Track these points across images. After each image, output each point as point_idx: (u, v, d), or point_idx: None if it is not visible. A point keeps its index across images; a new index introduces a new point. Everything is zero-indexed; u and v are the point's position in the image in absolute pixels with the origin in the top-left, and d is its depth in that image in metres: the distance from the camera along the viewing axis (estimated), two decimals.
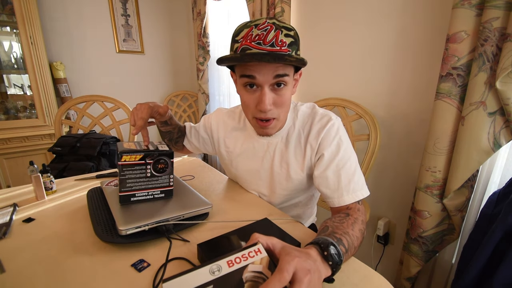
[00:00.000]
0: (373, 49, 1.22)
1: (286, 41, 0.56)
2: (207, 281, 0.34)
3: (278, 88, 0.60)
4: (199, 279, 0.34)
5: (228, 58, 0.57)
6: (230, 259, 0.36)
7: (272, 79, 0.58)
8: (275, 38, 0.55)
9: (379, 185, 1.30)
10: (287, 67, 0.59)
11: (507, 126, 0.79)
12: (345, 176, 0.63)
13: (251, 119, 0.67)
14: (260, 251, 0.38)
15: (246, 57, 0.55)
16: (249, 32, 0.56)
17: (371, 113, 1.10)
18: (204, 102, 2.50)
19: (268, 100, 0.59)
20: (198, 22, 2.29)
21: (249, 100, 0.62)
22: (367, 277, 0.48)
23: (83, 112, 1.56)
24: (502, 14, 0.73)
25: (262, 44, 0.55)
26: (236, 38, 0.59)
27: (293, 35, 0.58)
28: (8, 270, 0.49)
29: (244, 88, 0.62)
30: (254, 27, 0.56)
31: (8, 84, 2.00)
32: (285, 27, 0.57)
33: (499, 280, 0.68)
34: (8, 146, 1.83)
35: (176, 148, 0.96)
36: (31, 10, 1.74)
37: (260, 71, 0.57)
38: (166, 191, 0.68)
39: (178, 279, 0.34)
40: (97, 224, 0.60)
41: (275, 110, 0.63)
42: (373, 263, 1.35)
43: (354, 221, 0.56)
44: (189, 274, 0.34)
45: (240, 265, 0.36)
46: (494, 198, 0.82)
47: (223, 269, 0.35)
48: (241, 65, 0.60)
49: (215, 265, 0.35)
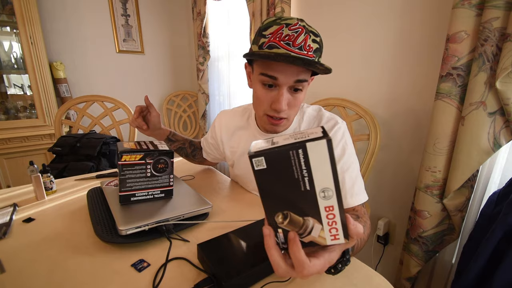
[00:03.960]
0: (373, 49, 1.22)
1: (313, 47, 0.56)
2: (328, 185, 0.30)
3: (295, 91, 0.61)
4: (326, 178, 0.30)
5: (261, 55, 0.56)
6: (333, 205, 0.32)
7: (293, 83, 0.59)
8: (304, 42, 0.55)
9: (379, 185, 1.30)
10: (308, 73, 0.59)
11: (507, 126, 0.79)
12: (349, 179, 0.64)
13: (262, 115, 0.67)
14: (339, 238, 0.34)
15: (279, 57, 0.54)
16: (279, 30, 0.55)
17: (371, 113, 1.10)
18: (204, 102, 2.50)
19: (284, 101, 0.60)
20: (198, 22, 2.29)
21: (265, 98, 0.62)
22: (367, 277, 0.48)
23: (83, 112, 1.56)
24: (502, 14, 0.73)
25: (291, 46, 0.54)
26: (264, 32, 0.57)
27: (319, 42, 0.58)
28: (8, 270, 0.49)
29: (262, 86, 0.62)
30: (285, 26, 0.55)
31: (8, 84, 2.00)
32: (313, 32, 0.57)
33: (499, 280, 0.68)
34: (8, 146, 1.83)
35: (198, 161, 1.02)
36: (31, 10, 1.74)
37: (283, 72, 0.57)
38: (166, 191, 0.68)
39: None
40: (97, 224, 0.60)
41: (287, 111, 0.63)
42: (373, 263, 1.35)
43: (364, 225, 0.57)
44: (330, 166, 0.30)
45: (322, 215, 0.32)
46: (494, 198, 0.82)
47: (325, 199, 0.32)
48: (265, 62, 0.59)
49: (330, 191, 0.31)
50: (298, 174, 0.30)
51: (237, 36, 2.05)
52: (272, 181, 0.31)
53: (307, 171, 0.30)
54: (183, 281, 0.47)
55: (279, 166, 0.30)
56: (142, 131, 0.86)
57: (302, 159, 0.29)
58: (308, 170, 0.30)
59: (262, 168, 0.30)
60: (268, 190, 0.32)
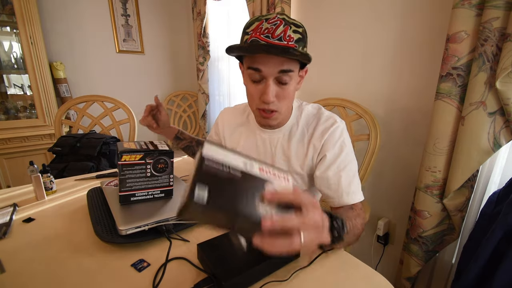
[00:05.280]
0: (373, 49, 1.22)
1: (294, 37, 0.58)
2: (238, 167, 0.34)
3: (282, 82, 0.62)
4: (233, 161, 0.34)
5: (237, 47, 0.60)
6: (262, 167, 0.36)
7: (277, 73, 0.60)
8: (284, 32, 0.57)
9: (379, 185, 1.30)
10: (292, 63, 0.60)
11: (507, 126, 0.79)
12: (345, 178, 0.65)
13: (255, 109, 0.68)
14: (289, 181, 0.37)
15: (254, 47, 0.57)
16: (259, 25, 0.58)
17: (371, 113, 1.10)
18: (204, 102, 2.50)
19: (271, 93, 0.61)
20: (198, 22, 2.29)
21: (254, 91, 0.65)
22: (367, 277, 0.48)
23: (83, 112, 1.56)
24: (502, 14, 0.73)
25: (270, 38, 0.57)
26: (247, 30, 0.61)
27: (301, 32, 0.60)
28: (8, 270, 0.49)
29: (250, 80, 0.64)
30: (264, 20, 0.58)
31: (8, 84, 2.00)
32: (295, 23, 0.59)
33: (499, 280, 0.68)
34: (8, 146, 1.83)
35: None
36: (31, 10, 1.74)
37: (266, 64, 0.59)
38: (166, 191, 0.68)
39: (219, 148, 0.34)
40: (97, 224, 0.60)
41: (277, 103, 0.64)
42: (373, 263, 1.35)
43: (357, 214, 0.60)
44: (229, 152, 0.34)
45: (266, 177, 0.35)
46: (494, 198, 0.82)
47: (253, 168, 0.35)
48: (249, 57, 0.62)
49: (248, 161, 0.35)
50: (225, 171, 0.33)
51: (237, 36, 2.05)
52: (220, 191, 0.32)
53: (225, 165, 0.33)
54: (183, 281, 0.47)
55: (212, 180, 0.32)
56: (152, 129, 0.88)
57: (214, 162, 0.33)
58: (224, 164, 0.33)
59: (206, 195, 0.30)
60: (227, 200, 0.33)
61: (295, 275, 0.48)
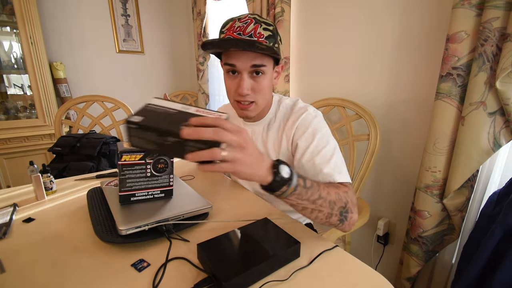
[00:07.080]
0: (373, 49, 1.22)
1: (264, 34, 0.63)
2: (176, 108, 0.44)
3: (256, 76, 0.67)
4: (173, 106, 0.44)
5: (210, 43, 0.64)
6: (199, 109, 0.44)
7: (250, 68, 0.65)
8: (254, 30, 0.63)
9: (379, 185, 1.30)
10: (265, 59, 0.66)
11: (507, 126, 0.79)
12: (319, 162, 0.64)
13: (233, 102, 0.73)
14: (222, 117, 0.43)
15: (224, 42, 0.64)
16: (232, 25, 0.64)
17: (371, 113, 1.10)
18: (204, 102, 2.50)
19: (246, 86, 0.66)
20: (198, 22, 2.29)
21: (231, 85, 0.70)
22: (367, 277, 0.48)
23: (83, 112, 1.56)
24: (502, 14, 0.73)
25: (242, 35, 0.63)
26: (222, 29, 0.67)
27: (272, 30, 0.65)
28: (8, 270, 0.49)
29: (227, 74, 0.70)
30: (237, 20, 0.65)
31: (8, 84, 2.00)
32: (266, 22, 0.65)
33: (499, 280, 0.68)
34: (8, 146, 1.83)
35: None
36: (31, 10, 1.74)
37: (239, 59, 0.64)
38: (166, 191, 0.68)
39: (166, 101, 0.45)
40: (97, 224, 0.60)
41: (253, 95, 0.69)
42: (373, 263, 1.35)
43: (334, 185, 0.60)
44: (175, 102, 0.45)
45: (199, 113, 0.43)
46: (494, 198, 0.82)
47: (190, 109, 0.44)
48: (225, 54, 0.68)
49: (188, 106, 0.45)
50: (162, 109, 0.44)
51: None
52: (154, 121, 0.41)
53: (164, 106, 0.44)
54: (183, 281, 0.47)
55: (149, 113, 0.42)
56: None
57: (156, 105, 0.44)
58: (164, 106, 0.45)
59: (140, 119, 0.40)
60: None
61: (295, 274, 0.48)
